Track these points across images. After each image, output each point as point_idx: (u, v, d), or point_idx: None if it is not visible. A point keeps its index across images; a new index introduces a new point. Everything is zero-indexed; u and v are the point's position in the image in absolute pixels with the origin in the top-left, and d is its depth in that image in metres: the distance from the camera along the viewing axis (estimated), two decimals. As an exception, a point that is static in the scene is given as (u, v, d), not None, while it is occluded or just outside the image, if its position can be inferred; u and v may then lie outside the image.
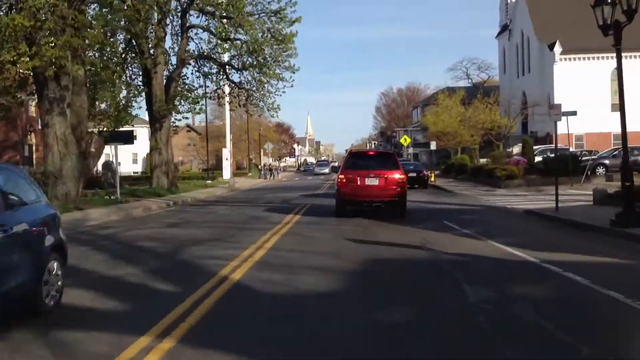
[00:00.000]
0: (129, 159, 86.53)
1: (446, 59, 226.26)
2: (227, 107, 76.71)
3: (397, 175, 16.36)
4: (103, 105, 32.89)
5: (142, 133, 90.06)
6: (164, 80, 34.38)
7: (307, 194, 30.88)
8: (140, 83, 34.72)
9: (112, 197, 26.06)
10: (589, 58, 52.48)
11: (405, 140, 53.72)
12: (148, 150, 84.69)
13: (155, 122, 33.82)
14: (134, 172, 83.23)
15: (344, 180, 16.74)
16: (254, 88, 37.70)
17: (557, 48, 52.47)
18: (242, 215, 18.45)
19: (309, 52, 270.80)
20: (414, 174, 32.36)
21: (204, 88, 37.64)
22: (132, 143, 25.48)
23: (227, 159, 59.41)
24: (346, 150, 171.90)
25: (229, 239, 12.55)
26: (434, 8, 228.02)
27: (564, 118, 28.51)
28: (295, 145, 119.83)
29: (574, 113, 20.45)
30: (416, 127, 73.32)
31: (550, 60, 53.51)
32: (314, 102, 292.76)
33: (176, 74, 34.03)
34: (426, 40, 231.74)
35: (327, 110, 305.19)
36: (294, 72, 36.76)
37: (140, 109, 37.21)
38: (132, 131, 26.28)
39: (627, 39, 13.52)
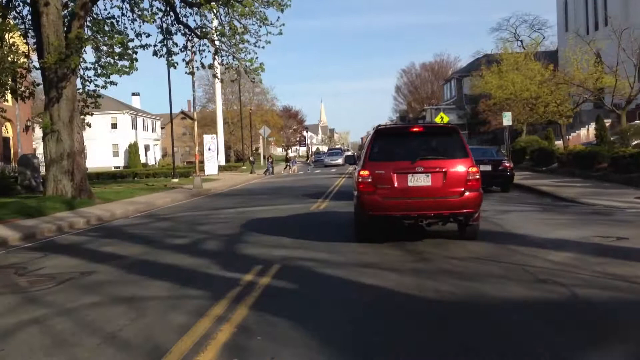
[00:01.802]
0: (108, 150, 73.32)
1: (475, 35, 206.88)
2: (218, 84, 63.64)
3: (464, 168, 8.85)
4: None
5: (124, 120, 76.96)
6: (65, 20, 20.90)
7: (303, 203, 17.42)
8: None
9: None
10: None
11: (442, 119, 39.52)
12: (130, 141, 73.14)
13: (51, 88, 20.29)
14: (114, 167, 70.07)
15: (370, 180, 9.02)
16: (220, 36, 24.13)
17: (654, -13, 38.06)
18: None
19: (321, 41, 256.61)
20: (488, 167, 18.53)
21: (142, 37, 23.88)
22: None
23: (210, 148, 46.14)
24: (361, 138, 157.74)
25: None
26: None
27: None
28: (305, 133, 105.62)
29: None
30: (450, 105, 59.18)
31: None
32: (329, 91, 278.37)
33: (79, 5, 20.29)
34: (447, 23, 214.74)
35: (342, 98, 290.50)
36: (282, 10, 23.28)
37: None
38: None
39: None
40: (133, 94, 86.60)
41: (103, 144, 72.02)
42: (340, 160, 56.36)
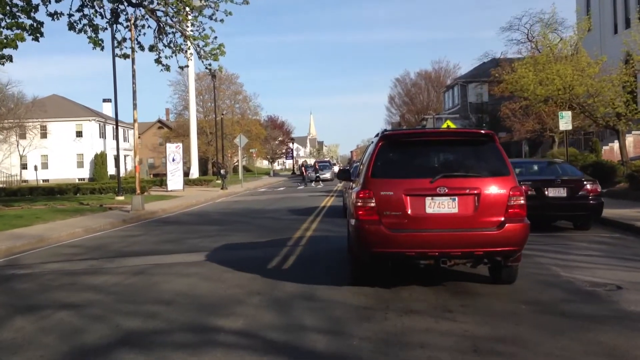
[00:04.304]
0: (72, 161, 65.42)
1: (477, 46, 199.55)
2: (192, 87, 56.47)
3: (504, 190, 6.68)
4: None
5: (91, 128, 68.96)
6: None
7: (265, 243, 10.38)
8: None
9: None
10: None
11: (448, 127, 32.62)
12: (97, 151, 65.47)
13: None
14: (79, 179, 62.30)
15: (372, 205, 6.77)
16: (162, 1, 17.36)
17: None
18: None
19: (313, 56, 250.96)
20: (561, 191, 11.69)
21: (50, 2, 16.75)
22: None
23: (174, 159, 38.80)
24: (351, 151, 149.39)
25: None
26: (443, 8, 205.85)
27: None
28: (291, 145, 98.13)
29: None
30: (453, 114, 52.40)
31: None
32: (319, 104, 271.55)
33: None
34: (445, 39, 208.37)
35: (333, 111, 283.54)
36: (248, -35, 16.64)
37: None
38: None
39: None
40: (104, 100, 79.01)
41: (65, 153, 64.37)
42: (328, 175, 49.32)
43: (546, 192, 11.72)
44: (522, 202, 6.65)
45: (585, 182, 11.93)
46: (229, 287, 7.51)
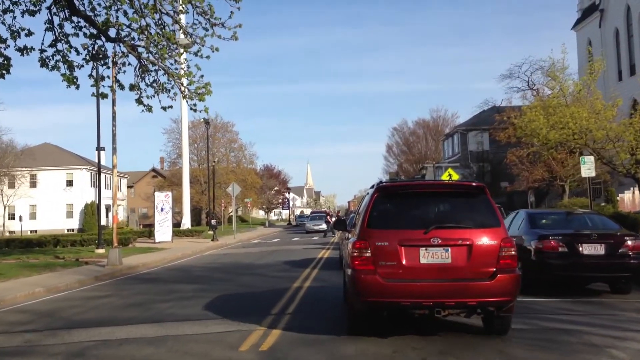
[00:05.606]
0: (61, 211, 63.25)
1: (475, 97, 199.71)
2: (185, 135, 55.11)
3: (496, 241, 6.85)
4: None
5: (82, 177, 67.19)
6: None
7: (244, 310, 8.38)
8: None
9: None
10: None
11: (450, 176, 31.17)
12: (87, 200, 63.47)
13: None
14: (67, 230, 60.05)
15: (368, 255, 6.99)
16: (141, 35, 15.85)
17: None
18: None
19: (310, 105, 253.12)
20: (599, 248, 9.87)
21: (20, 36, 15.25)
22: None
23: (162, 209, 37.01)
24: (348, 202, 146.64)
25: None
26: (437, 60, 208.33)
27: None
28: (287, 195, 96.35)
29: None
30: (453, 163, 50.95)
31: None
32: (316, 154, 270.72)
33: None
34: (440, 90, 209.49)
35: (330, 161, 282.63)
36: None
37: None
38: None
39: None
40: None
41: (55, 203, 62.29)
42: (324, 226, 47.42)
43: (580, 249, 9.88)
44: (513, 252, 6.80)
45: (625, 238, 10.08)
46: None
